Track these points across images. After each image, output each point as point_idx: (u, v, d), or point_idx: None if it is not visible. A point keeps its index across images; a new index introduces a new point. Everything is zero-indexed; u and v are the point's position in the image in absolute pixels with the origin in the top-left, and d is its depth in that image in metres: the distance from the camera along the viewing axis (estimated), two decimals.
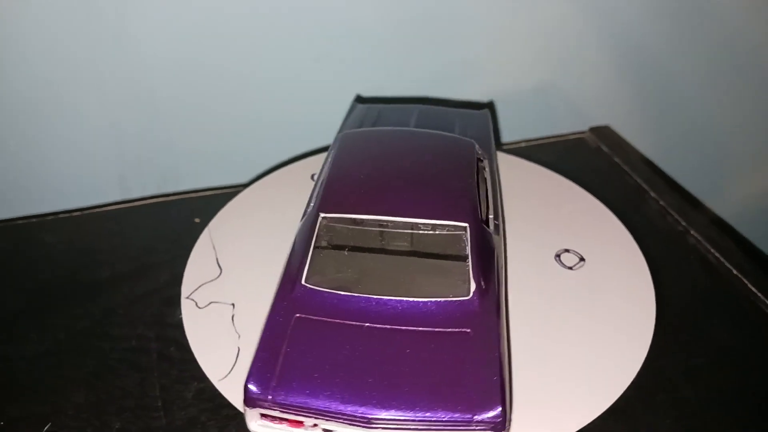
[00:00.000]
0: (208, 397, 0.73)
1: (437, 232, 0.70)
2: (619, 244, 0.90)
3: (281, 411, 0.58)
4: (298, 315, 0.63)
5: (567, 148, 1.21)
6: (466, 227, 0.70)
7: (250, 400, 0.59)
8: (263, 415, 0.60)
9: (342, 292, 0.65)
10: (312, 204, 0.77)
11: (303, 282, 0.65)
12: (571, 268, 0.85)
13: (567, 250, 0.87)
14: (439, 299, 0.65)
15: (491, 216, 0.77)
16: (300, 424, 0.59)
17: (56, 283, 0.90)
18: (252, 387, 0.58)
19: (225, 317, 0.76)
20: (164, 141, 1.16)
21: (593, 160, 1.18)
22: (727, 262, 0.93)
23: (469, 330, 0.63)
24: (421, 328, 0.62)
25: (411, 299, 0.64)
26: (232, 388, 0.70)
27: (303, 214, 0.78)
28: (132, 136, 1.14)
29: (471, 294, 0.65)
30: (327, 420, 0.58)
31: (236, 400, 0.69)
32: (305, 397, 0.57)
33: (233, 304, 0.77)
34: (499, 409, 0.56)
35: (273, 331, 0.62)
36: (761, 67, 1.37)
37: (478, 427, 0.56)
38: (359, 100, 1.18)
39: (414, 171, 0.77)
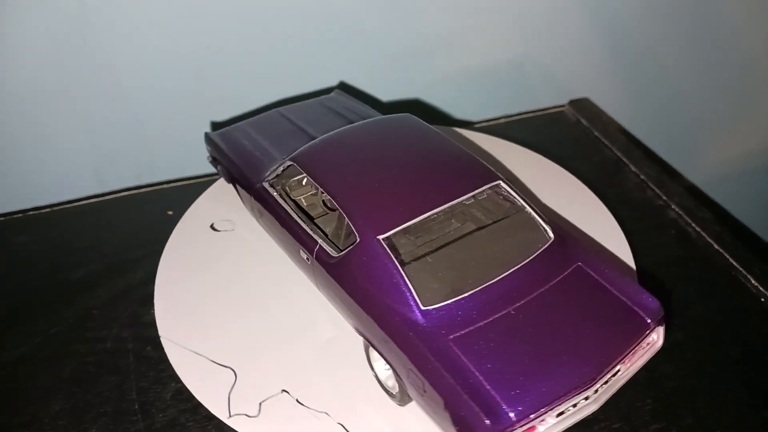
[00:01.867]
0: (187, 398, 0.73)
1: (480, 199, 0.72)
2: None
3: (522, 425, 0.55)
4: (451, 337, 0.60)
5: (546, 122, 1.20)
6: (499, 183, 0.72)
7: None
8: None
9: (463, 295, 0.63)
10: (324, 235, 0.72)
11: (423, 307, 0.62)
12: None
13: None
14: (537, 253, 0.67)
15: None
16: (533, 428, 0.57)
17: (29, 286, 0.88)
18: (491, 422, 0.54)
19: (292, 405, 0.69)
20: (137, 133, 1.14)
21: (572, 134, 1.16)
22: (707, 235, 0.92)
23: (579, 263, 0.67)
24: (548, 284, 0.64)
25: (516, 267, 0.65)
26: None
27: (302, 252, 0.73)
28: (103, 129, 1.11)
29: (552, 235, 0.69)
30: (560, 404, 0.57)
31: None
32: (538, 396, 0.56)
33: (285, 391, 0.70)
34: (657, 302, 0.63)
35: (446, 366, 0.58)
36: (737, 39, 1.35)
37: (653, 326, 0.62)
38: (213, 127, 1.15)
39: (406, 159, 0.75)
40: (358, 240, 0.66)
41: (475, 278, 0.64)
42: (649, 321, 0.63)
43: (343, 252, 0.69)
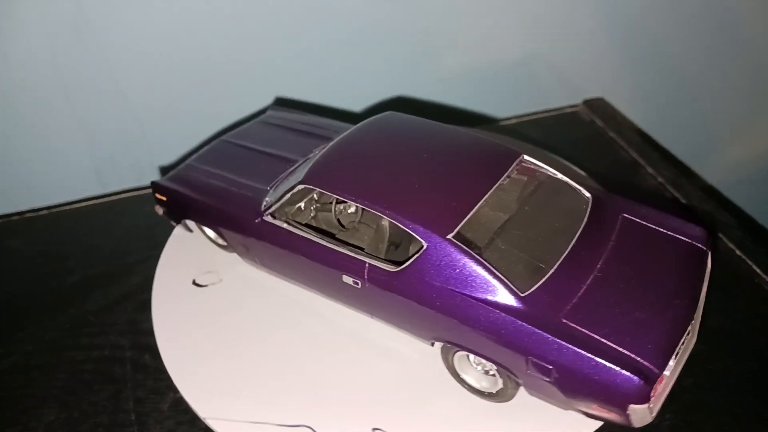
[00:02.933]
0: (185, 409, 0.70)
1: (512, 177, 0.72)
2: None
3: (662, 376, 0.57)
4: (562, 314, 0.60)
5: (559, 122, 1.16)
6: (521, 157, 0.73)
7: (644, 392, 0.56)
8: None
9: (550, 272, 0.63)
10: (382, 247, 0.69)
11: (523, 294, 0.61)
12: None
13: None
14: (587, 214, 0.69)
15: None
16: (663, 377, 0.58)
17: (24, 292, 0.86)
18: (642, 381, 0.56)
19: None
20: (136, 133, 1.11)
21: (586, 135, 1.13)
22: (729, 240, 0.88)
23: (622, 214, 0.71)
24: (611, 240, 0.67)
25: (579, 231, 0.67)
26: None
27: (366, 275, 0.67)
28: (103, 129, 1.09)
29: (589, 194, 0.71)
30: (678, 345, 0.60)
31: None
32: (662, 343, 0.58)
33: (377, 429, 0.66)
34: (703, 229, 0.69)
35: (573, 343, 0.58)
36: (753, 35, 1.31)
37: (707, 253, 0.68)
38: (163, 170, 1.10)
39: (424, 154, 0.72)
40: (426, 245, 0.63)
41: (550, 253, 0.65)
42: (705, 249, 0.68)
43: (407, 263, 0.65)
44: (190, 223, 0.85)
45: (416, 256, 0.64)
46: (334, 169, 0.72)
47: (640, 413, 0.57)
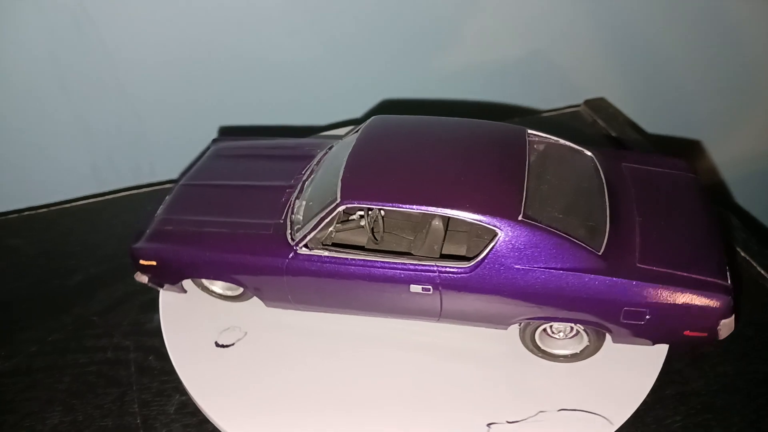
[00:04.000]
0: (192, 411, 0.69)
1: (532, 157, 0.74)
2: None
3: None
4: (636, 261, 0.65)
5: (561, 123, 1.16)
6: (527, 130, 0.76)
7: (730, 305, 0.63)
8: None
9: (607, 227, 0.67)
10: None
11: (600, 254, 0.64)
12: None
13: None
14: (601, 170, 0.73)
15: None
16: None
17: (24, 292, 0.84)
18: (730, 295, 0.63)
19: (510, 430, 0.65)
20: (136, 129, 1.10)
21: (589, 136, 1.13)
22: (734, 242, 0.89)
23: (622, 163, 0.76)
24: (630, 187, 0.73)
25: (605, 185, 0.71)
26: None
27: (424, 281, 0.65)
28: (101, 125, 1.07)
29: (592, 153, 0.76)
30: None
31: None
32: (720, 262, 0.66)
33: (491, 424, 0.65)
34: (683, 160, 0.78)
35: (658, 283, 0.63)
36: (753, 36, 1.32)
37: (697, 178, 0.76)
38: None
39: (446, 148, 0.71)
40: (501, 233, 0.63)
41: (595, 211, 0.68)
42: (695, 175, 0.76)
43: (480, 256, 0.64)
44: (186, 283, 0.77)
45: (491, 245, 0.64)
46: (368, 181, 0.68)
47: (729, 324, 0.64)
